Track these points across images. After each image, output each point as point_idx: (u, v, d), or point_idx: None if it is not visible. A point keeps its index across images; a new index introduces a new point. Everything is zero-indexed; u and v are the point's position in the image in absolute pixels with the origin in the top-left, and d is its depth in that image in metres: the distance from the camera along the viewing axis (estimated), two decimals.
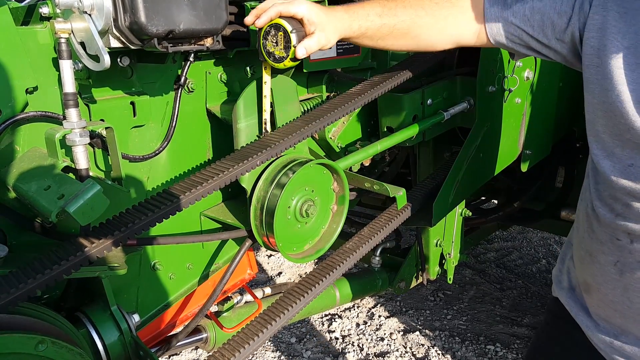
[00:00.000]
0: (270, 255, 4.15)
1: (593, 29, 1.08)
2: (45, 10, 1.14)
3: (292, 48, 1.18)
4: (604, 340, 1.25)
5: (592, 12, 1.08)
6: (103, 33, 1.07)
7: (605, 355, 1.27)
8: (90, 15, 1.04)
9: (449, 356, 2.98)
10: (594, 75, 1.09)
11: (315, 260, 3.87)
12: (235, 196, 1.62)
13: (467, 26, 1.29)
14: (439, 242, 2.34)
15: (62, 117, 1.15)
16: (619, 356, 1.24)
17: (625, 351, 1.22)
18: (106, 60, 1.04)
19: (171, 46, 1.12)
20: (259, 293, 1.92)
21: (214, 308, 1.79)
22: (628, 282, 1.14)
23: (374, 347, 3.09)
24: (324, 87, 1.80)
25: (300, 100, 1.67)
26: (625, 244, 1.12)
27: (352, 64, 1.82)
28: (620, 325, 1.21)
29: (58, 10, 1.08)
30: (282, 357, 3.01)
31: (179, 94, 1.38)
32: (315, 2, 1.28)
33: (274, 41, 1.20)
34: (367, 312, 3.42)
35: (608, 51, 1.05)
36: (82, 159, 1.11)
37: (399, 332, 3.22)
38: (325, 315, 3.38)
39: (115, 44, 1.09)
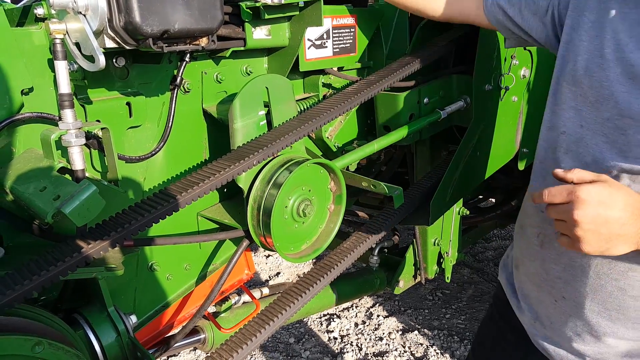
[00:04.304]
0: (269, 255, 4.14)
1: (572, 7, 1.20)
2: (40, 11, 1.13)
3: None
4: (527, 322, 1.33)
5: None
6: (98, 33, 1.06)
7: (531, 337, 1.35)
8: (84, 15, 1.04)
9: (447, 355, 2.98)
10: (561, 51, 1.21)
11: (313, 260, 3.87)
12: (232, 196, 1.61)
13: (470, 2, 1.47)
14: (436, 241, 2.34)
15: (57, 118, 1.14)
16: (538, 339, 1.31)
17: (545, 334, 1.29)
18: (101, 60, 1.04)
19: (166, 46, 1.12)
20: (256, 293, 1.92)
21: (211, 309, 1.79)
22: (546, 254, 1.22)
23: (373, 346, 3.09)
24: (320, 86, 1.80)
25: (297, 100, 1.67)
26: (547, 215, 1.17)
27: (349, 63, 1.82)
28: (537, 297, 1.28)
29: (53, 11, 1.08)
30: (281, 358, 3.01)
31: (175, 94, 1.38)
32: None
33: None
34: (366, 312, 3.42)
35: (579, 27, 1.16)
36: (78, 159, 1.11)
37: (397, 331, 3.22)
38: (324, 315, 3.38)
39: (110, 44, 1.08)
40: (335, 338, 3.17)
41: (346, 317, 3.36)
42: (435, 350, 3.02)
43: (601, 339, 1.17)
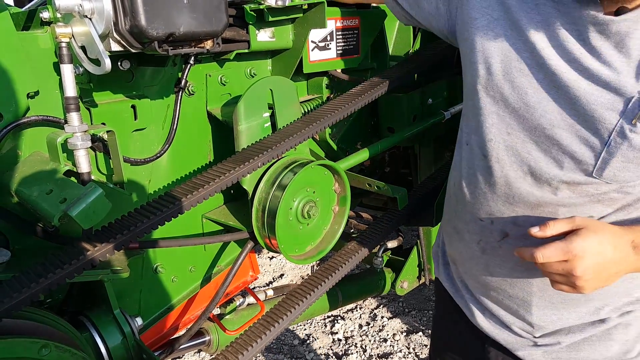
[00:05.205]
0: (272, 257, 4.15)
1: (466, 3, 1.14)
2: (45, 14, 1.14)
3: None
4: (475, 314, 1.31)
5: None
6: (104, 37, 1.07)
7: (481, 330, 1.32)
8: (90, 19, 1.04)
9: None
10: (464, 49, 1.15)
11: (318, 262, 3.87)
12: (237, 198, 1.62)
13: None
14: None
15: (63, 121, 1.15)
16: (489, 331, 1.29)
17: (494, 325, 1.28)
18: (107, 63, 1.04)
19: (171, 49, 1.12)
20: (261, 295, 1.92)
21: (216, 311, 1.79)
22: (489, 259, 1.20)
23: (377, 348, 3.09)
24: (324, 88, 1.80)
25: (301, 102, 1.67)
26: (486, 224, 1.17)
27: (352, 64, 1.82)
28: (482, 295, 1.27)
29: (59, 15, 1.08)
30: None
31: (179, 97, 1.38)
32: None
33: None
34: (370, 313, 3.41)
35: (479, 22, 1.09)
36: (84, 162, 1.11)
37: (402, 332, 3.22)
38: (328, 317, 3.38)
39: (115, 47, 1.09)
40: (339, 340, 3.17)
41: (350, 319, 3.35)
42: None
43: (548, 326, 1.19)
